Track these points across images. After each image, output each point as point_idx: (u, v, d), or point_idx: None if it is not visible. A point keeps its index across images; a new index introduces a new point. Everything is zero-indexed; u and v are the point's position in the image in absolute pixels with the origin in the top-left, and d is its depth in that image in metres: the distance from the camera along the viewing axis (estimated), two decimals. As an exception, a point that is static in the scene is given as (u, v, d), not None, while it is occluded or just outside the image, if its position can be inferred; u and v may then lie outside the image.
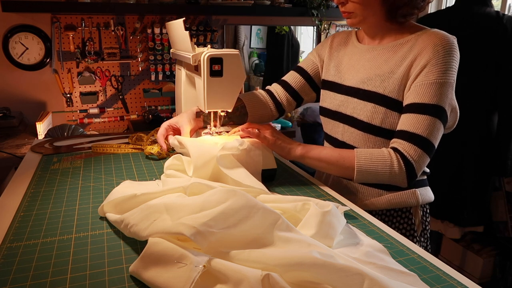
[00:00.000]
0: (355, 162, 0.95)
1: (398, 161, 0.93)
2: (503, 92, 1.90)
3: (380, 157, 0.94)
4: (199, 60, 1.01)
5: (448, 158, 2.04)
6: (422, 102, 0.93)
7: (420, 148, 0.93)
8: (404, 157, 0.93)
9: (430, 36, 0.96)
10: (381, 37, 1.05)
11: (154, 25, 2.45)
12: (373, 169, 0.94)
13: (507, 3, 2.46)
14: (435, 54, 0.93)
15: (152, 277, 0.60)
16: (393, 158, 0.93)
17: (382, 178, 0.95)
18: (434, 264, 0.69)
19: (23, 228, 0.79)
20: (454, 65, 0.95)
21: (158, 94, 2.58)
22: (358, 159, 0.95)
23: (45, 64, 2.32)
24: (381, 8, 0.99)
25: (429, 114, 0.93)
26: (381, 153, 0.95)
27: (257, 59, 3.25)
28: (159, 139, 1.14)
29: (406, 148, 0.93)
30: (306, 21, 2.87)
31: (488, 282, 2.23)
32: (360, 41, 1.12)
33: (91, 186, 1.00)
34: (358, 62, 1.07)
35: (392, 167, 0.93)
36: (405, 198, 1.04)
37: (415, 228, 1.07)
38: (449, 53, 0.94)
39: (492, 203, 2.13)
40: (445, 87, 0.93)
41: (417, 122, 0.93)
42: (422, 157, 0.93)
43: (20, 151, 1.76)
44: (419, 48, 0.96)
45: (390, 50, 1.01)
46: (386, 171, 0.93)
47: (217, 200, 0.67)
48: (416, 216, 1.06)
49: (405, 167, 0.92)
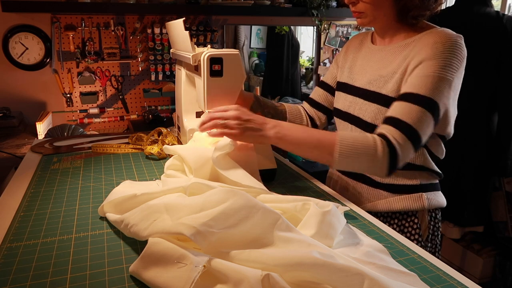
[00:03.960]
0: (337, 145, 0.88)
1: (382, 145, 0.87)
2: (503, 92, 1.90)
3: (364, 141, 0.88)
4: (199, 60, 1.00)
5: (448, 158, 2.04)
6: (416, 92, 0.90)
7: (407, 137, 0.88)
8: (390, 142, 0.88)
9: (433, 34, 0.94)
10: (391, 37, 1.04)
11: (154, 25, 2.45)
12: (354, 152, 0.88)
13: (507, 3, 2.46)
14: (434, 51, 0.91)
15: (152, 277, 0.60)
16: (378, 142, 0.88)
17: (362, 165, 0.90)
18: (434, 264, 0.69)
19: (23, 228, 0.79)
20: (455, 63, 0.91)
21: (158, 94, 2.58)
22: (341, 142, 0.88)
23: (45, 64, 2.32)
24: (392, 9, 0.97)
25: (421, 105, 0.89)
26: (365, 137, 0.89)
27: (257, 59, 3.25)
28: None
29: (393, 133, 0.89)
30: (306, 21, 2.87)
31: (488, 282, 2.23)
32: (373, 42, 1.11)
33: (91, 186, 1.00)
34: (368, 63, 1.07)
35: (375, 152, 0.87)
36: (411, 202, 1.02)
37: (420, 233, 1.04)
38: (449, 50, 0.90)
39: (492, 203, 2.13)
40: (442, 82, 0.89)
41: (408, 111, 0.89)
42: (408, 147, 0.88)
43: (20, 151, 1.76)
44: (420, 45, 0.94)
45: (397, 50, 1.00)
46: (369, 155, 0.87)
47: (217, 200, 0.67)
48: (423, 221, 1.04)
49: (389, 153, 0.87)
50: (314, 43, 3.14)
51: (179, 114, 1.27)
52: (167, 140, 1.26)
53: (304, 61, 3.32)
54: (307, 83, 3.30)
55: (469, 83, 1.97)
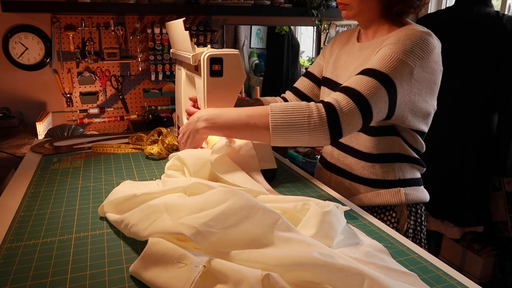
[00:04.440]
0: (270, 117, 0.84)
1: (318, 110, 0.82)
2: (503, 92, 1.90)
3: (297, 107, 0.84)
4: (199, 60, 1.01)
5: (448, 158, 2.04)
6: (373, 67, 0.88)
7: (354, 102, 0.83)
8: (329, 105, 0.83)
9: (403, 29, 0.96)
10: (373, 32, 1.05)
11: (154, 25, 2.45)
12: (289, 120, 0.82)
13: (507, 3, 2.46)
14: (397, 40, 0.91)
15: (152, 277, 0.60)
16: (312, 107, 0.83)
17: (301, 133, 0.83)
18: (434, 264, 0.69)
19: (23, 228, 0.79)
20: (417, 51, 0.90)
21: (158, 94, 2.58)
22: (273, 112, 0.84)
23: (45, 64, 2.32)
24: (377, 3, 0.99)
25: (376, 78, 0.86)
26: (298, 103, 0.85)
27: (257, 59, 3.25)
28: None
29: (337, 97, 0.84)
30: (306, 21, 2.87)
31: (488, 282, 2.23)
32: (359, 39, 1.12)
33: (91, 186, 1.00)
34: (351, 60, 1.08)
35: (310, 116, 0.82)
36: (389, 196, 1.03)
37: (398, 227, 1.05)
38: (412, 40, 0.90)
39: (492, 203, 2.13)
40: (400, 64, 0.88)
41: (360, 81, 0.86)
42: (354, 112, 0.82)
43: (20, 151, 1.76)
44: (388, 38, 0.96)
45: (375, 46, 1.01)
46: (304, 121, 0.82)
47: (217, 200, 0.66)
48: (401, 215, 1.05)
49: (327, 117, 0.81)
50: (314, 43, 3.14)
51: (179, 114, 1.27)
52: (167, 140, 1.26)
53: (304, 61, 3.32)
54: (307, 83, 3.30)
55: (469, 83, 1.98)
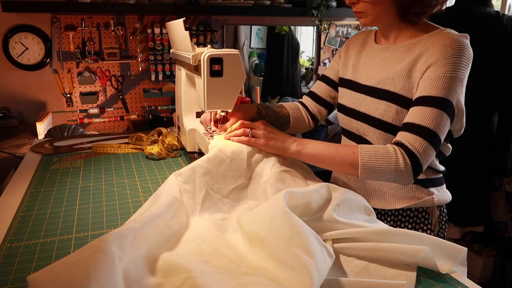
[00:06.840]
0: (359, 159, 0.92)
1: (403, 157, 0.90)
2: (503, 92, 1.90)
3: (385, 154, 0.91)
4: (199, 60, 1.00)
5: (448, 158, 2.04)
6: (429, 95, 0.92)
7: (425, 140, 0.90)
8: (409, 151, 0.90)
9: (440, 37, 0.96)
10: (395, 36, 1.05)
11: (154, 25, 2.45)
12: (378, 166, 0.91)
13: (507, 3, 2.46)
14: (443, 54, 0.93)
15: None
16: (398, 154, 0.90)
17: (387, 176, 0.92)
18: (434, 264, 0.69)
19: (23, 228, 0.79)
20: (465, 61, 0.94)
21: (158, 94, 2.58)
22: (362, 155, 0.91)
23: (45, 64, 2.32)
24: (392, 7, 0.98)
25: (435, 106, 0.91)
26: (385, 149, 0.92)
27: (257, 59, 3.25)
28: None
29: (411, 140, 0.91)
30: (306, 21, 2.87)
31: (488, 282, 2.23)
32: (377, 41, 1.12)
33: (91, 186, 1.00)
34: (373, 62, 1.08)
35: (397, 164, 0.90)
36: (421, 198, 1.05)
37: (432, 228, 1.07)
38: (458, 52, 0.93)
39: (492, 203, 2.13)
40: (454, 81, 0.92)
41: (423, 115, 0.91)
42: (428, 150, 0.90)
43: (20, 151, 1.76)
44: (428, 47, 0.96)
45: (403, 50, 1.01)
46: (391, 168, 0.90)
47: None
48: (433, 216, 1.07)
49: (411, 162, 0.89)
50: (314, 43, 3.14)
51: (179, 114, 1.27)
52: (167, 140, 1.26)
53: (304, 61, 3.32)
54: (307, 83, 3.30)
55: (469, 83, 1.97)
